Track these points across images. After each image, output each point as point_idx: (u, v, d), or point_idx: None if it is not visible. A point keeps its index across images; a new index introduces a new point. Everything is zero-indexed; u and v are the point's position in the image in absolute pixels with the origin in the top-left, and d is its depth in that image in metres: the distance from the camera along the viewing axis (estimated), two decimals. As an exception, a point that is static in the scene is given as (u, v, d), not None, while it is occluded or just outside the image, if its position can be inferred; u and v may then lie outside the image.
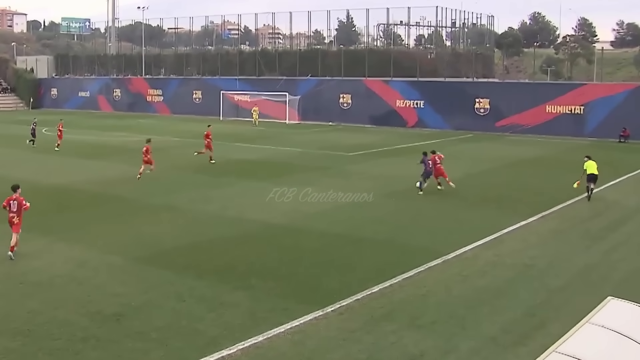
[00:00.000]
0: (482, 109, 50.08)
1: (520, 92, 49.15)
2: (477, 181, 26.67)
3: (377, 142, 41.52)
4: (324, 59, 61.29)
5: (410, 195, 23.54)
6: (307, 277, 14.13)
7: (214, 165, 30.49)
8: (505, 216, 20.01)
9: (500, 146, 40.56)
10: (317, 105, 58.02)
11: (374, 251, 16.13)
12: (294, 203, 22.05)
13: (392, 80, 55.03)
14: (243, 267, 14.66)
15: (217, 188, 24.67)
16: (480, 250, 16.30)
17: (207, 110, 63.53)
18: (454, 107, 50.85)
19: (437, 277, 14.15)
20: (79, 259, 15.22)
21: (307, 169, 29.31)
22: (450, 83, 52.88)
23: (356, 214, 20.49)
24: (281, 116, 57.61)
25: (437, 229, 18.49)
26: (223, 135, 45.55)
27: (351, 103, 56.66)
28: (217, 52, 70.52)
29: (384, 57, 58.76)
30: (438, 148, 39.26)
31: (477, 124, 49.51)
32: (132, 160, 32.38)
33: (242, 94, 61.89)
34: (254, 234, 17.74)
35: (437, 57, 62.79)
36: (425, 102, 52.61)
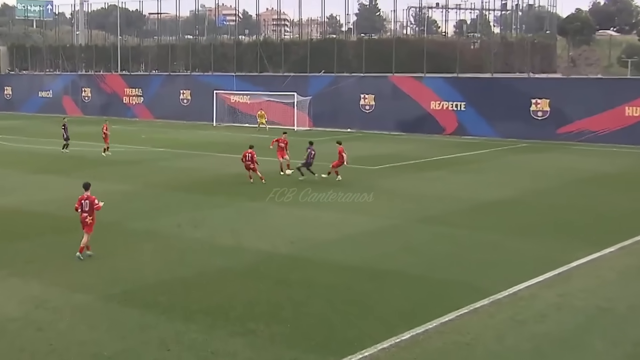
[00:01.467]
0: (540, 112, 49.96)
1: (591, 90, 49.00)
2: (534, 202, 26.55)
3: (407, 154, 41.50)
4: (340, 50, 61.58)
5: (450, 219, 23.51)
6: (319, 319, 14.04)
7: (205, 183, 30.60)
8: (572, 246, 19.85)
9: (564, 158, 40.41)
10: (332, 108, 58.23)
11: (403, 288, 16.05)
12: (302, 228, 22.09)
13: (425, 77, 55.18)
14: (241, 308, 14.62)
15: (208, 209, 24.77)
16: (540, 288, 16.13)
17: (197, 113, 63.96)
18: (504, 110, 50.84)
19: (485, 322, 14.01)
20: (37, 298, 15.24)
21: (320, 187, 29.30)
22: (499, 80, 52.91)
23: (381, 241, 20.46)
24: (288, 121, 57.83)
25: (483, 262, 18.37)
26: (215, 145, 45.85)
27: (375, 105, 56.82)
28: (210, 43, 71.10)
29: (415, 48, 58.90)
30: (484, 159, 40.07)
31: (534, 131, 49.44)
32: (104, 175, 32.57)
33: (241, 95, 62.23)
34: (254, 267, 17.75)
35: (482, 47, 62.87)
36: (467, 103, 52.66)
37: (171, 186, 29.76)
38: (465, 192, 28.49)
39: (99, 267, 17.65)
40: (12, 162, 35.74)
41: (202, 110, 63.36)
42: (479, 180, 31.90)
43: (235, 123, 61.02)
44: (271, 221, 23.02)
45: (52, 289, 15.88)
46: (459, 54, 56.02)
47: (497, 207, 25.56)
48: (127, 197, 27.25)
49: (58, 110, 73.26)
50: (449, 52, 58.27)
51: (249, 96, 61.64)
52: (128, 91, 70.51)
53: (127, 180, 31.36)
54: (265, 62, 64.38)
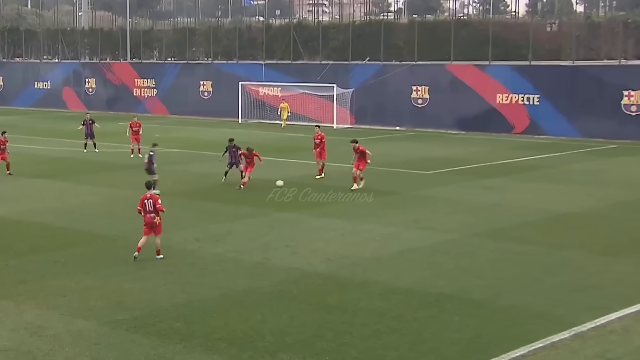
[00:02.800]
0: (634, 107, 49.35)
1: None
2: (625, 216, 26.17)
3: (468, 156, 41.24)
4: (388, 35, 61.54)
5: (520, 234, 23.31)
6: (363, 352, 13.97)
7: (228, 190, 30.70)
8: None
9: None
10: (378, 102, 58.21)
11: (464, 316, 15.90)
12: (342, 242, 22.07)
13: (490, 66, 54.90)
14: (270, 337, 14.62)
15: (231, 221, 24.83)
16: (636, 321, 15.81)
17: (220, 108, 64.42)
18: (587, 104, 50.37)
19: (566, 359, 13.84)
20: (32, 324, 15.37)
21: (361, 195, 29.24)
22: (582, 68, 52.37)
23: (436, 260, 20.33)
24: (326, 118, 57.87)
25: (562, 286, 18.12)
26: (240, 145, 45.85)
27: (429, 99, 56.69)
28: (235, 27, 71.57)
29: (478, 31, 58.64)
30: (562, 164, 39.61)
31: (626, 130, 48.89)
32: (109, 181, 32.87)
33: (271, 86, 62.50)
34: (285, 288, 17.75)
35: (561, 30, 62.26)
36: (542, 96, 52.28)
37: (188, 194, 29.90)
38: (539, 202, 28.20)
39: (103, 288, 17.76)
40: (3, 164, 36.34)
41: (225, 105, 63.80)
42: (555, 188, 31.56)
43: (265, 120, 61.28)
44: (305, 234, 23.03)
45: (49, 313, 16.00)
46: (532, 38, 55.55)
47: (578, 221, 25.25)
48: (134, 207, 27.22)
49: (57, 104, 74.38)
50: (519, 35, 57.88)
51: (280, 88, 61.87)
52: (139, 82, 71.27)
53: (136, 186, 31.36)
54: (299, 48, 64.59)
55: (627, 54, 56.53)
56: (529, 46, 54.83)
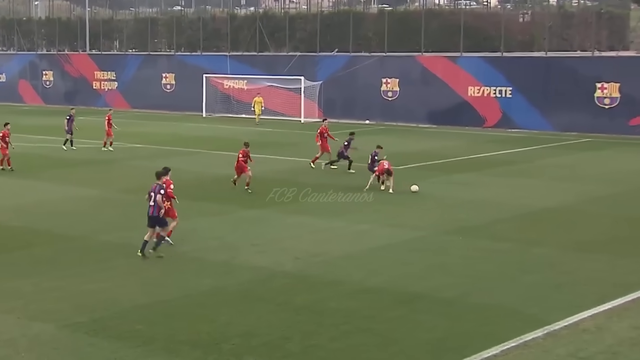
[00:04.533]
0: (607, 100, 49.80)
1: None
2: (599, 212, 26.41)
3: (439, 151, 41.40)
4: (357, 25, 61.54)
5: (493, 231, 23.46)
6: (331, 354, 14.01)
7: (192, 187, 30.57)
8: (649, 266, 19.75)
9: (638, 157, 40.14)
10: (347, 95, 58.24)
11: (435, 316, 15.99)
12: (311, 240, 22.09)
13: (462, 57, 55.13)
14: (236, 339, 14.61)
15: (196, 219, 24.70)
16: (609, 319, 15.98)
17: (183, 102, 64.11)
18: (560, 97, 50.71)
19: (539, 359, 13.93)
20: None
21: (329, 190, 29.27)
22: (555, 60, 52.77)
23: (407, 258, 20.40)
24: (293, 111, 57.87)
25: (535, 284, 18.25)
26: (205, 141, 45.92)
27: (399, 92, 56.81)
28: (199, 17, 71.25)
29: (449, 21, 58.85)
30: (535, 158, 39.92)
31: (599, 123, 49.31)
32: (68, 178, 32.62)
33: (236, 79, 62.32)
34: (252, 288, 17.75)
35: (534, 20, 62.68)
36: (514, 89, 52.56)
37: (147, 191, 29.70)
38: (512, 198, 28.39)
39: (62, 289, 17.62)
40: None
41: (188, 98, 63.45)
42: (529, 184, 31.78)
43: (230, 113, 61.07)
44: (273, 232, 23.01)
45: (3, 317, 15.84)
46: (504, 29, 55.80)
47: (552, 218, 25.43)
48: (96, 205, 27.26)
49: (13, 97, 73.64)
50: (491, 26, 58.15)
51: (246, 81, 61.70)
52: (99, 75, 70.71)
53: (96, 183, 31.40)
54: (265, 39, 64.43)
55: (600, 45, 57.01)
56: (500, 37, 55.00)
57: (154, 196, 20.20)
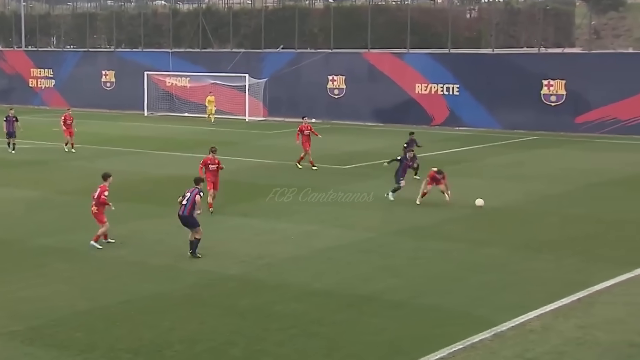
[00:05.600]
0: (553, 97, 50.47)
1: (619, 68, 49.52)
2: (546, 211, 26.73)
3: (386, 150, 41.42)
4: (303, 21, 61.61)
5: (441, 231, 23.64)
6: (277, 359, 14.03)
7: (134, 188, 30.35)
8: (595, 266, 20.01)
9: (585, 155, 40.80)
10: (292, 92, 58.23)
11: (383, 319, 16.06)
12: (257, 243, 22.05)
13: (409, 54, 55.45)
14: (179, 345, 14.54)
15: (137, 221, 24.62)
16: (555, 319, 16.21)
17: (123, 100, 63.61)
18: (507, 94, 51.29)
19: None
20: None
21: (321, 187, 29.37)
22: (502, 57, 53.34)
23: (355, 259, 20.46)
24: (238, 110, 57.71)
25: (483, 285, 18.45)
26: (146, 140, 45.56)
27: (345, 89, 56.95)
28: (139, 12, 70.66)
29: (396, 17, 59.15)
30: (482, 157, 40.30)
31: (546, 120, 49.95)
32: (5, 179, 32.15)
33: (179, 76, 61.96)
34: (196, 293, 17.68)
35: (481, 16, 63.33)
36: (461, 86, 53.02)
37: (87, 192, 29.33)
38: (460, 198, 28.55)
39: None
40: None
41: (129, 97, 62.98)
42: (476, 183, 32.03)
43: (173, 112, 60.73)
44: (217, 235, 22.85)
45: (-64, 324, 15.62)
46: (451, 25, 56.29)
47: (500, 217, 25.70)
48: (34, 207, 26.93)
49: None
50: (438, 22, 58.55)
51: (188, 78, 61.39)
52: (35, 72, 69.83)
53: (33, 185, 31.00)
54: (209, 35, 64.18)
55: (546, 42, 57.80)
56: (447, 33, 55.45)
57: (189, 196, 20.54)
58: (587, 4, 70.00)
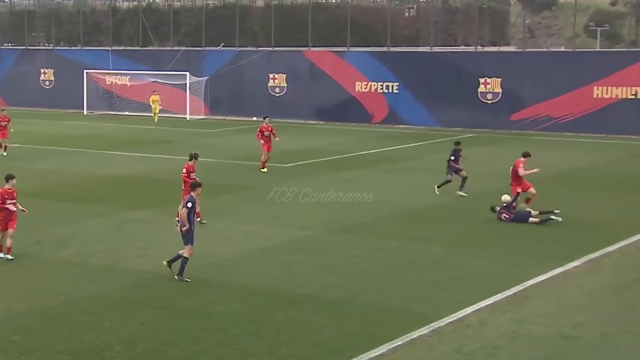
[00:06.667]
0: (490, 95, 51.08)
1: (552, 66, 50.41)
2: (482, 208, 26.97)
3: (326, 148, 41.73)
4: (244, 19, 61.46)
5: (379, 229, 23.74)
6: (218, 359, 14.02)
7: (73, 188, 30.04)
8: (529, 261, 20.30)
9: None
10: (234, 91, 58.12)
11: (323, 317, 16.11)
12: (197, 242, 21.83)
13: (349, 52, 55.63)
14: (119, 346, 14.44)
15: (77, 222, 24.35)
16: (491, 313, 16.45)
17: (63, 99, 62.87)
18: (445, 92, 51.79)
19: (423, 357, 14.19)
20: None
21: (218, 190, 29.17)
22: (439, 55, 53.85)
23: (294, 258, 20.48)
24: (179, 108, 57.37)
25: (421, 282, 18.60)
26: (86, 139, 45.07)
27: (287, 87, 56.96)
28: (78, 10, 69.85)
29: (336, 16, 59.31)
30: (421, 155, 40.59)
31: (482, 118, 50.54)
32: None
33: (119, 74, 61.39)
34: (136, 293, 17.58)
35: (419, 15, 63.78)
36: (400, 84, 53.36)
37: (27, 193, 28.90)
38: (398, 195, 28.78)
39: None
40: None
41: (69, 95, 62.32)
42: (415, 180, 32.31)
43: (113, 111, 60.20)
44: (158, 235, 22.75)
45: None
46: (390, 24, 56.61)
47: (438, 215, 25.95)
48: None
49: None
50: (378, 21, 58.85)
51: (129, 77, 60.91)
52: (-28, 70, 68.70)
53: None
54: (149, 33, 63.69)
55: (483, 41, 58.46)
56: (387, 32, 55.70)
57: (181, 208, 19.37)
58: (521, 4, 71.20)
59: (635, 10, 71.50)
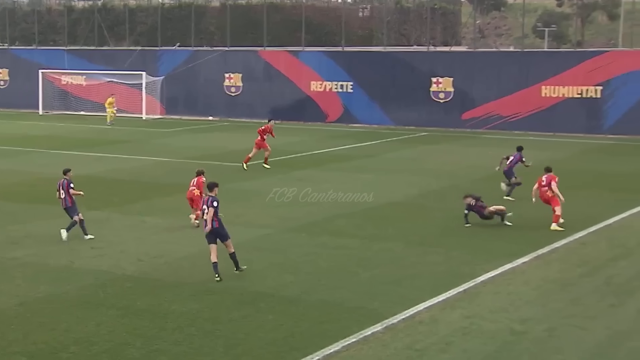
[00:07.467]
0: (442, 94, 51.39)
1: (502, 66, 50.77)
2: (434, 206, 27.19)
3: (282, 147, 41.65)
4: (199, 19, 61.25)
5: (334, 227, 23.79)
6: (174, 358, 13.98)
7: (27, 188, 29.73)
8: (480, 257, 20.46)
9: (471, 150, 41.68)
10: (189, 90, 57.86)
11: (278, 315, 16.13)
12: (154, 242, 21.86)
13: (303, 52, 55.64)
14: (74, 347, 14.33)
15: (32, 222, 24.10)
16: (443, 310, 16.57)
17: (18, 99, 62.15)
18: (399, 92, 52.03)
19: (377, 354, 14.25)
20: None
21: (174, 190, 29.05)
22: (393, 54, 54.00)
23: (250, 257, 20.37)
24: (135, 108, 56.99)
25: (375, 279, 18.67)
26: (42, 139, 44.62)
27: (242, 87, 56.82)
28: (33, 9, 69.13)
29: (291, 16, 59.33)
30: (375, 153, 40.69)
31: (435, 117, 50.83)
32: None
33: (74, 74, 60.84)
34: (92, 293, 17.46)
35: (373, 15, 64.00)
36: (355, 84, 53.47)
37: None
38: (354, 193, 28.81)
39: None
40: None
41: (24, 95, 61.59)
42: (370, 179, 32.38)
43: (69, 111, 59.64)
44: (114, 235, 22.60)
45: None
46: (344, 23, 56.74)
47: (391, 213, 26.00)
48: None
49: None
50: (332, 21, 58.96)
51: (84, 76, 60.36)
52: None
53: None
54: (104, 33, 63.16)
55: (435, 41, 58.86)
56: (341, 32, 55.83)
57: (206, 209, 18.60)
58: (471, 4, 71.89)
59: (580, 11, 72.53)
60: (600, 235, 23.09)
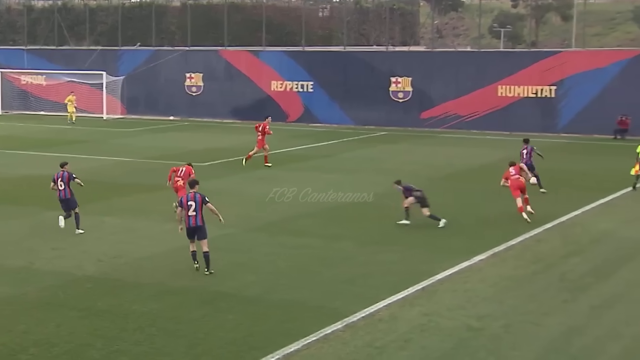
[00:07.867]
0: (400, 93, 51.61)
1: (459, 66, 51.14)
2: (392, 205, 27.19)
3: (243, 147, 41.50)
4: (160, 19, 60.94)
5: (295, 227, 23.83)
6: (135, 358, 13.94)
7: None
8: (437, 255, 20.62)
9: (429, 149, 41.95)
10: (150, 90, 57.58)
11: (238, 315, 16.13)
12: (114, 241, 21.75)
13: (264, 52, 55.59)
14: (34, 349, 14.23)
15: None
16: (401, 307, 16.67)
17: (-24, 98, 61.34)
18: (358, 92, 52.12)
19: (337, 351, 14.31)
20: None
21: (136, 189, 28.97)
22: (352, 54, 54.17)
23: (212, 257, 20.21)
24: (95, 107, 56.59)
25: (335, 278, 18.74)
26: (1, 139, 44.14)
27: (203, 87, 56.64)
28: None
29: (252, 16, 59.26)
30: (334, 153, 40.80)
31: (394, 117, 51.04)
32: None
33: (34, 74, 60.25)
34: (52, 294, 17.32)
35: (333, 15, 64.13)
36: (315, 83, 53.54)
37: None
38: (314, 193, 28.87)
39: None
40: None
41: (-17, 94, 60.84)
42: (330, 178, 32.42)
43: (29, 110, 59.06)
44: (75, 236, 22.42)
45: None
46: (304, 23, 56.75)
47: (351, 212, 26.07)
48: None
49: None
50: (292, 20, 58.95)
51: (44, 76, 59.84)
52: None
53: None
54: (65, 32, 62.61)
55: (394, 41, 59.13)
56: (301, 32, 55.86)
57: (194, 205, 18.95)
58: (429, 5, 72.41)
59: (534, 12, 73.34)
60: (554, 233, 23.37)
